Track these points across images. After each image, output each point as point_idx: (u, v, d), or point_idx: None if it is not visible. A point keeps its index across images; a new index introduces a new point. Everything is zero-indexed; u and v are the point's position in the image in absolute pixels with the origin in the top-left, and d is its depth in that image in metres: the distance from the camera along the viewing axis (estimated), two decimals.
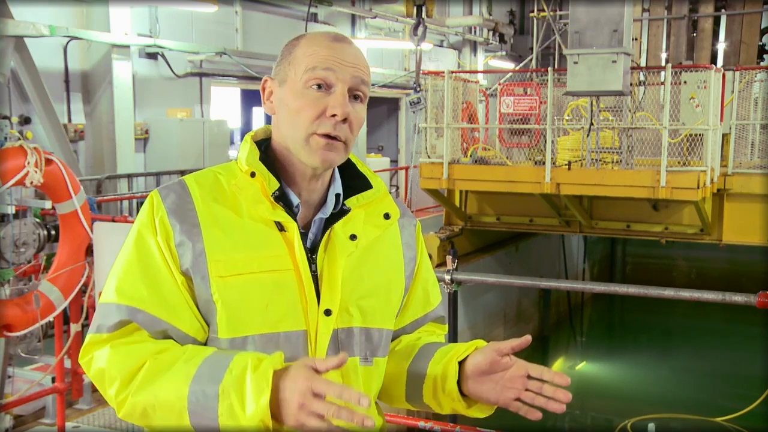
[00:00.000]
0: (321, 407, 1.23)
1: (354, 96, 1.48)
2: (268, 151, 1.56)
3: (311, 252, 1.50)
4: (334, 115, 1.44)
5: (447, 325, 1.78)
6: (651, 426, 7.27)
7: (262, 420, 1.26)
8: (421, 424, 3.80)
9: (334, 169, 1.57)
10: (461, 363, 1.53)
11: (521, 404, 1.44)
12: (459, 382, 1.52)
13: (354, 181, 1.60)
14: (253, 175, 1.49)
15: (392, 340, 1.66)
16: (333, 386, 1.24)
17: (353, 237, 1.53)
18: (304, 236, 1.51)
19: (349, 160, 1.60)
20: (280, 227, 1.48)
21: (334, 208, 1.55)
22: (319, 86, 1.46)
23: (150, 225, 1.47)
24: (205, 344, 1.47)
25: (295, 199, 1.51)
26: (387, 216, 1.60)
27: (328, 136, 1.45)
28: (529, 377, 1.44)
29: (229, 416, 1.30)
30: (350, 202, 1.56)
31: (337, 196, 1.56)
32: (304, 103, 1.46)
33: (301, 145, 1.47)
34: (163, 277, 1.44)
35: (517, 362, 1.46)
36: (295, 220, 1.49)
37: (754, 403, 6.87)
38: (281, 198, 1.49)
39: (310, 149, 1.46)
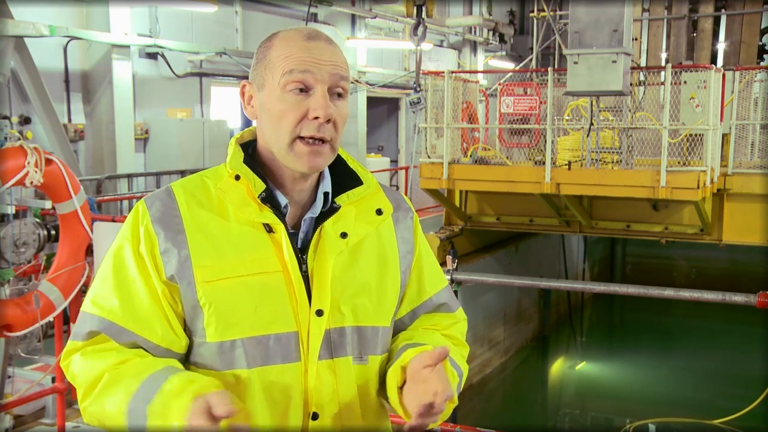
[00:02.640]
0: None
1: (335, 94, 1.47)
2: (255, 153, 1.55)
3: (302, 252, 1.50)
4: (316, 117, 1.43)
5: (456, 313, 1.72)
6: (651, 427, 7.29)
7: None
8: None
9: None
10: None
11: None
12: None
13: (344, 178, 1.58)
14: (237, 178, 1.49)
15: (394, 335, 1.65)
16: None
17: (344, 235, 1.52)
18: (294, 236, 1.50)
19: (339, 157, 1.59)
20: (268, 229, 1.48)
21: (323, 207, 1.54)
22: (299, 89, 1.44)
23: (132, 235, 1.48)
24: (189, 351, 1.49)
25: (282, 200, 1.51)
26: (379, 212, 1.59)
27: (312, 139, 1.44)
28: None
29: None
30: (340, 199, 1.55)
31: (327, 194, 1.55)
32: (285, 108, 1.45)
33: (286, 151, 1.46)
34: (137, 289, 1.45)
35: (432, 376, 1.41)
36: (283, 220, 1.48)
37: (752, 405, 6.86)
38: (268, 199, 1.48)
39: (295, 156, 1.45)
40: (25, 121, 8.60)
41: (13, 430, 5.14)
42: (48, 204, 5.01)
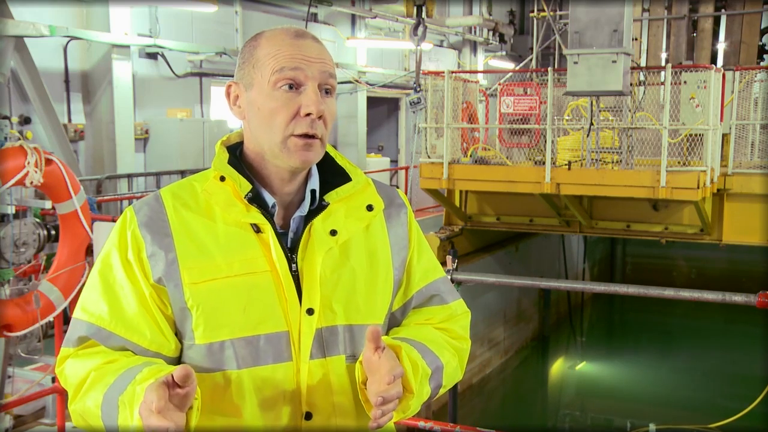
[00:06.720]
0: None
1: (324, 90, 1.48)
2: (241, 155, 1.55)
3: (292, 251, 1.49)
4: (308, 114, 1.44)
5: (451, 304, 1.67)
6: (651, 427, 7.29)
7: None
8: (421, 424, 3.80)
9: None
10: None
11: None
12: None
13: (333, 175, 1.58)
14: (222, 179, 1.49)
15: (387, 332, 1.63)
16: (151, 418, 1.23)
17: (333, 232, 1.51)
18: (284, 236, 1.50)
19: (327, 155, 1.59)
20: (256, 229, 1.48)
21: (312, 205, 1.53)
22: (290, 86, 1.45)
23: (120, 240, 1.49)
24: (180, 354, 1.49)
25: (270, 200, 1.51)
26: (370, 207, 1.58)
27: (306, 136, 1.45)
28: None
29: (124, 426, 1.33)
30: (329, 197, 1.54)
31: (315, 192, 1.54)
32: (277, 106, 1.45)
33: (279, 149, 1.46)
34: (125, 295, 1.46)
35: (382, 362, 1.38)
36: (271, 220, 1.48)
37: (751, 406, 6.86)
38: (255, 199, 1.48)
39: (288, 151, 1.45)
40: (25, 121, 8.61)
41: (13, 430, 5.14)
42: (48, 204, 5.01)
